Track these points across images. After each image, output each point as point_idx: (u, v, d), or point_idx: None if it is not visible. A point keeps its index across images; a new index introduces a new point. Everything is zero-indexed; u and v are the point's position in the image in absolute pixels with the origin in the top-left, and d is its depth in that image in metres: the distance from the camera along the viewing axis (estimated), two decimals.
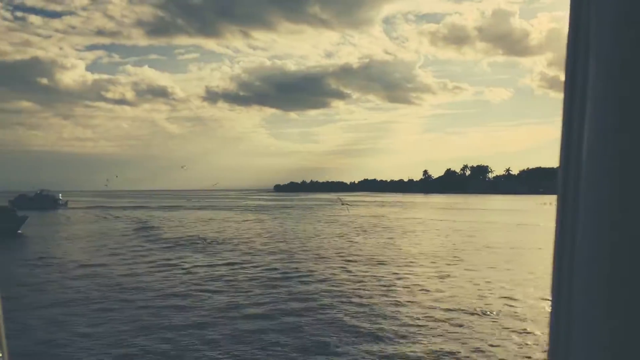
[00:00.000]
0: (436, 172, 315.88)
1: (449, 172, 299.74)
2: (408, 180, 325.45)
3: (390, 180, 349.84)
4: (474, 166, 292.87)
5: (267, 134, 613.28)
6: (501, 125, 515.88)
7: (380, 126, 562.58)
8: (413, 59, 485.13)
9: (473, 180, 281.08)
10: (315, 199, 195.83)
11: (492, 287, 24.03)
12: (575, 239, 0.82)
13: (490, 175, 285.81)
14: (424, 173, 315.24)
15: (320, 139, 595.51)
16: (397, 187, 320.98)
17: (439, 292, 22.80)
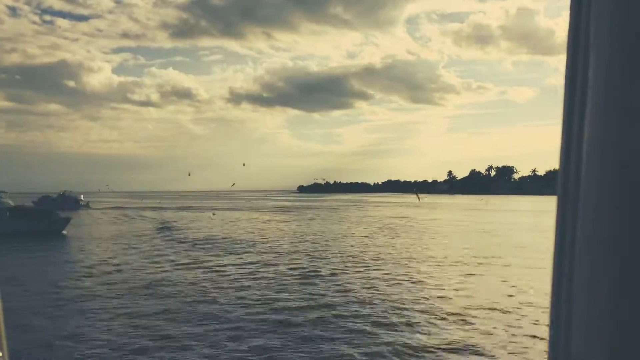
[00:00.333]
0: (460, 173, 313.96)
1: (474, 173, 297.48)
2: (432, 181, 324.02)
3: (414, 181, 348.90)
4: (499, 167, 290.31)
5: (290, 134, 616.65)
6: (526, 125, 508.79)
7: (404, 127, 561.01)
8: (436, 59, 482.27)
9: (498, 181, 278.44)
10: (340, 199, 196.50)
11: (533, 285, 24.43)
12: (575, 239, 0.82)
13: (516, 176, 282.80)
14: (448, 174, 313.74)
15: (343, 139, 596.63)
16: (421, 187, 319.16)
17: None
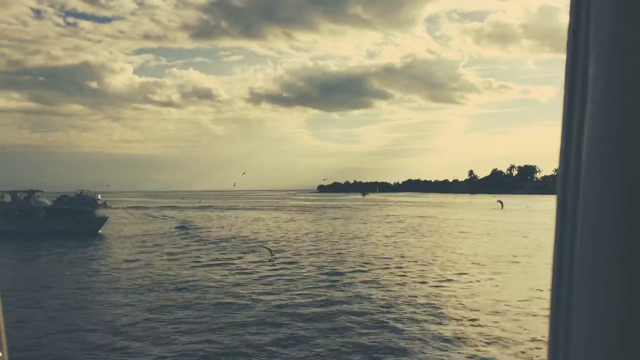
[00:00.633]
0: (482, 172, 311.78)
1: (495, 172, 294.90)
2: (453, 181, 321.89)
3: (434, 181, 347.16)
4: (521, 166, 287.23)
5: (310, 134, 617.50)
6: (549, 124, 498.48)
7: (424, 126, 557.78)
8: (457, 58, 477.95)
9: (520, 181, 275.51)
10: (361, 199, 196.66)
11: None
12: (575, 239, 0.83)
13: (538, 176, 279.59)
14: (469, 173, 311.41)
15: (363, 139, 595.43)
16: (442, 187, 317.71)
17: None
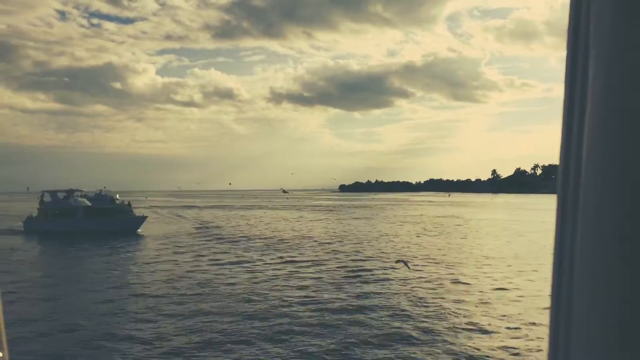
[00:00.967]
0: (504, 172, 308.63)
1: (519, 172, 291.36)
2: (475, 180, 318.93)
3: (456, 180, 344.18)
4: (546, 165, 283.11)
5: (331, 134, 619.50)
6: None
7: (445, 125, 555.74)
8: (478, 56, 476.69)
9: (545, 180, 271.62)
10: (383, 199, 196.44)
11: None
12: (575, 239, 0.83)
13: None
14: (492, 172, 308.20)
15: (384, 138, 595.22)
16: (464, 186, 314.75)
17: None
